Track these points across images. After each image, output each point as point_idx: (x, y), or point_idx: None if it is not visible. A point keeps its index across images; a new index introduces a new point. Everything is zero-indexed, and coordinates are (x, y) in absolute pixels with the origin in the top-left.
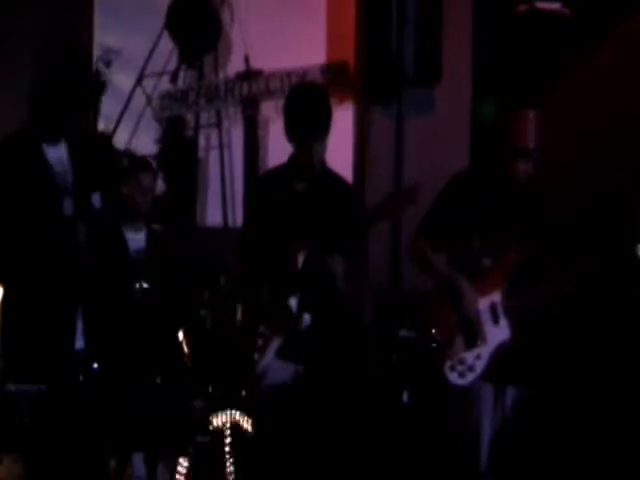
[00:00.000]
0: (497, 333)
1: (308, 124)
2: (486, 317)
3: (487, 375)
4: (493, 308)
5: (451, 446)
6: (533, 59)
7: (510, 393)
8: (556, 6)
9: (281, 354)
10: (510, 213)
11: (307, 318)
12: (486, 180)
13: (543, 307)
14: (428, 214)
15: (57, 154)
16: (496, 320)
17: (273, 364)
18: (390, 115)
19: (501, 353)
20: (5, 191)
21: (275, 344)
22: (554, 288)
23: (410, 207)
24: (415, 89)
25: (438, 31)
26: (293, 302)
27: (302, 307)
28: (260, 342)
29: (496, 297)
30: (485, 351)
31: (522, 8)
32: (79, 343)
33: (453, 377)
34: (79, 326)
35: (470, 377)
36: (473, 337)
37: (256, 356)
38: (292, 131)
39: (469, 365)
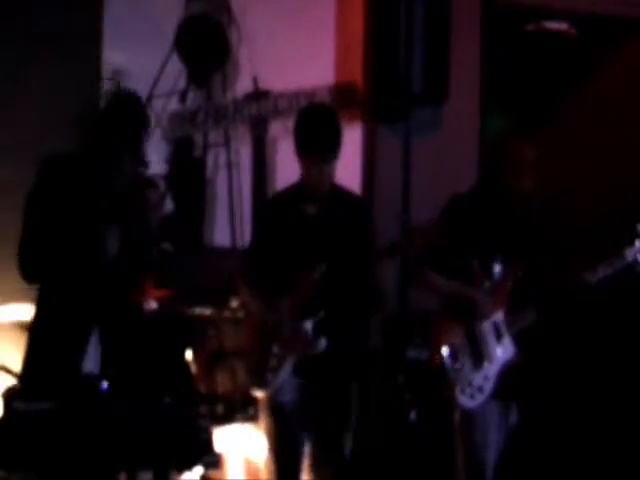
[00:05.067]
0: (502, 352)
1: (317, 147)
2: (490, 336)
3: (492, 394)
4: (496, 327)
5: (457, 464)
6: (541, 78)
7: (514, 413)
8: (564, 26)
9: (295, 372)
10: (509, 235)
11: (323, 343)
12: (486, 202)
13: (544, 324)
14: (428, 241)
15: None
16: (500, 339)
17: (286, 382)
18: (398, 134)
19: (506, 371)
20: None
21: (289, 365)
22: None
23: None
24: (423, 108)
25: (446, 50)
26: (308, 325)
27: (318, 331)
28: (274, 362)
29: (498, 316)
30: (492, 371)
31: (530, 28)
32: (90, 365)
33: (464, 400)
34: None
35: (480, 398)
36: (480, 358)
37: (269, 376)
38: (300, 153)
39: (478, 386)
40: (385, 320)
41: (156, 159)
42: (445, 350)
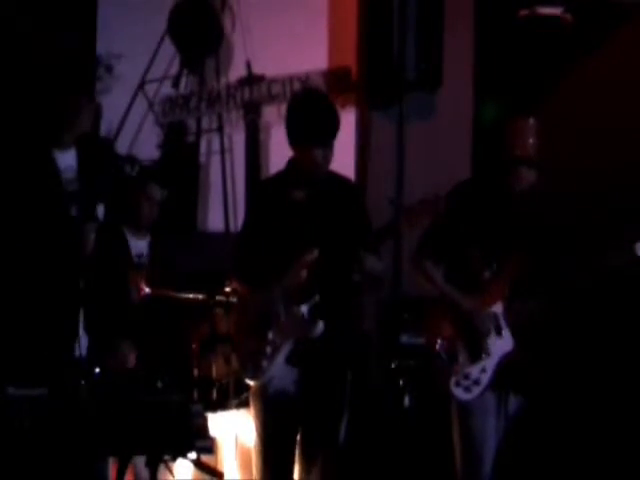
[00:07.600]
0: (501, 344)
1: (321, 134)
2: (489, 328)
3: (490, 385)
4: (495, 319)
5: (455, 452)
6: (534, 64)
7: (513, 401)
8: (557, 11)
9: (289, 360)
10: (511, 223)
11: (320, 326)
12: (488, 190)
13: (543, 317)
14: (430, 227)
15: (67, 161)
16: (499, 331)
17: (280, 370)
18: (392, 120)
19: (504, 363)
20: (11, 192)
21: (284, 352)
22: (553, 298)
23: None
24: (416, 94)
25: (439, 36)
26: (304, 309)
27: (315, 315)
28: (269, 349)
29: (498, 308)
30: (490, 363)
31: (523, 13)
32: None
33: (459, 392)
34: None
35: (476, 391)
36: (477, 351)
37: (264, 364)
38: (301, 141)
39: (474, 379)
40: (379, 305)
41: (149, 144)
42: (440, 343)
